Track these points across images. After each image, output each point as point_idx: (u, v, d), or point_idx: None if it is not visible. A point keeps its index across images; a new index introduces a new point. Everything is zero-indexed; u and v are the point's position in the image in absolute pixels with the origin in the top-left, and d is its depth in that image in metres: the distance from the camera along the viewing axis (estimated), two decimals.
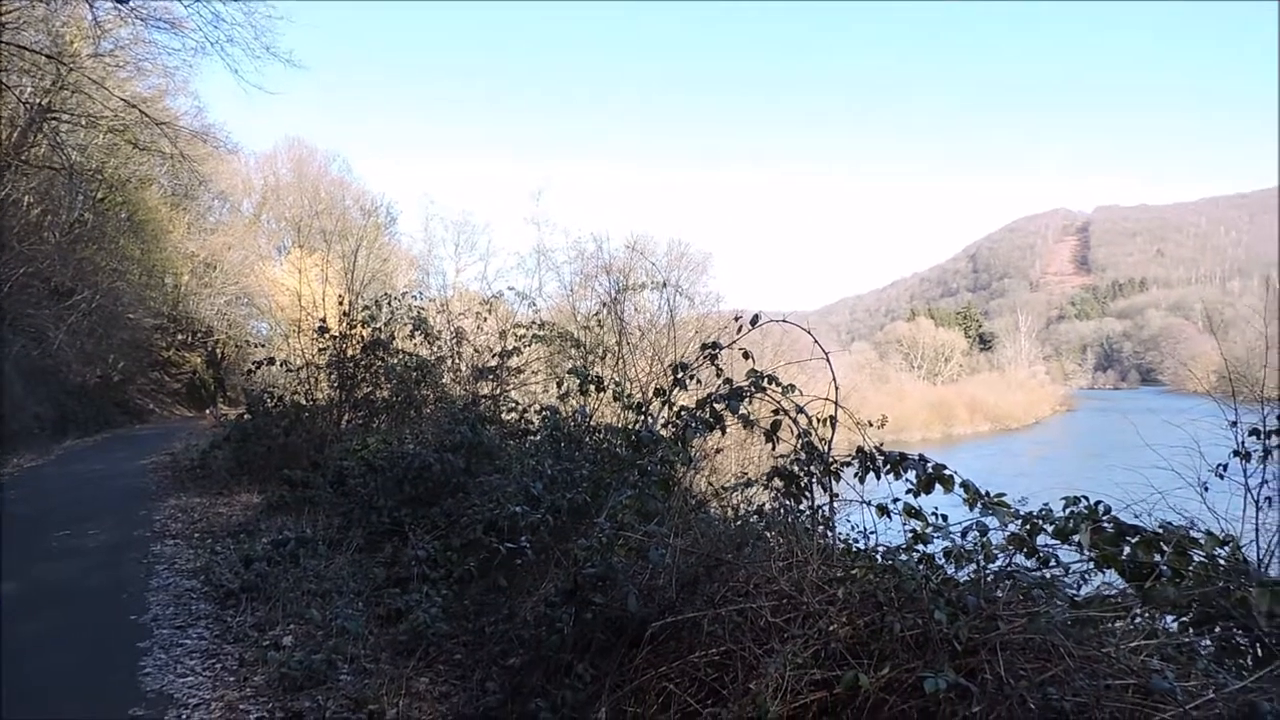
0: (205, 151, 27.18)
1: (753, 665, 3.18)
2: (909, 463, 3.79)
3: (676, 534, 3.96)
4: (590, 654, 3.94)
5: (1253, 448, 4.58)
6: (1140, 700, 2.63)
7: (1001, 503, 3.52)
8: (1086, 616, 3.00)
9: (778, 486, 4.22)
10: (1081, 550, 3.52)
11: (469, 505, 6.69)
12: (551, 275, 17.76)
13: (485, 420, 8.71)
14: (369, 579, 6.26)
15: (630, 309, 14.63)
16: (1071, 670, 2.67)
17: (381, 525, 7.30)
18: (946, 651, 2.85)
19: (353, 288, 15.64)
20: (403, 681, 4.59)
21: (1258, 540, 4.65)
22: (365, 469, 8.41)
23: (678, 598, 3.71)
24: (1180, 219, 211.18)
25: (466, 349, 12.17)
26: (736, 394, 4.34)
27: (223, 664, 5.09)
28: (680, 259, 32.58)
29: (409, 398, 11.29)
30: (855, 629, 3.11)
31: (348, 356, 11.73)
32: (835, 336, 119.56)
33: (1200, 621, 3.26)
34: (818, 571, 3.45)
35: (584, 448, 7.20)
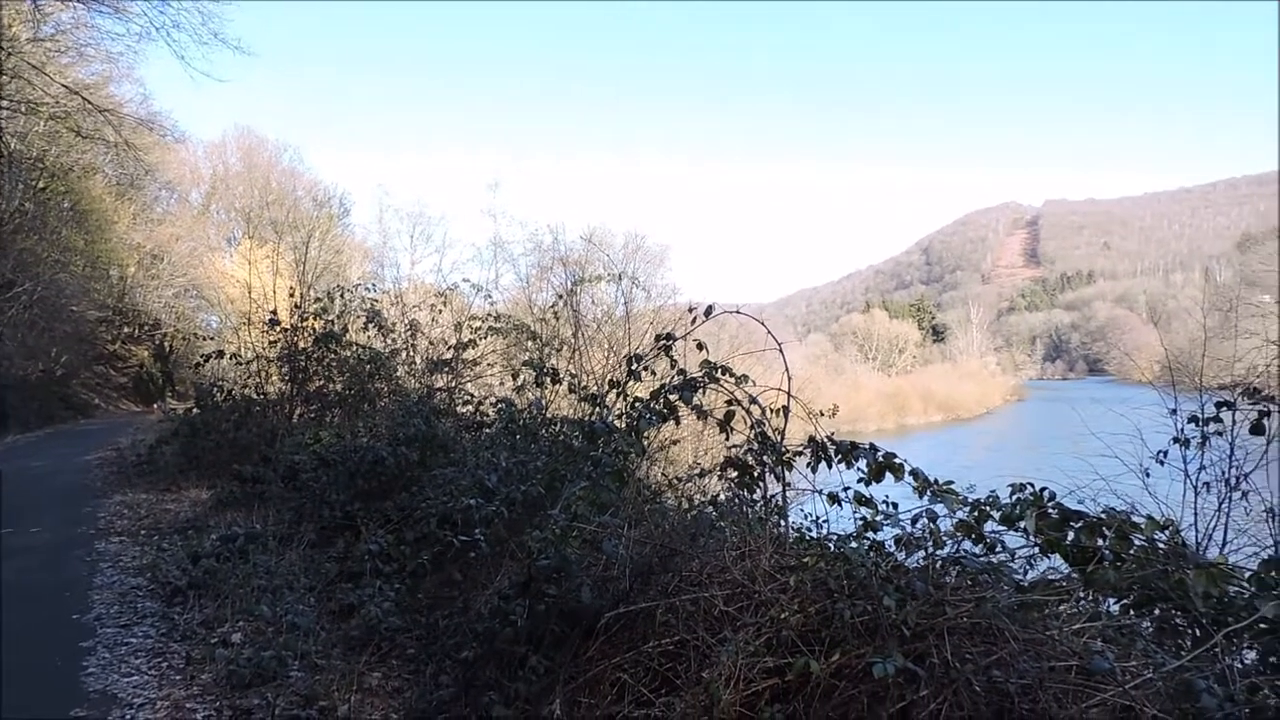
0: (151, 140, 26.51)
1: (706, 654, 3.20)
2: (860, 452, 3.83)
3: (630, 525, 3.97)
4: (544, 646, 3.93)
5: (1191, 435, 4.70)
6: (1082, 681, 2.70)
7: (950, 490, 3.57)
8: (1031, 600, 3.06)
9: (731, 477, 4.24)
10: (1027, 536, 3.59)
11: (423, 499, 6.63)
12: (508, 267, 17.68)
13: (440, 413, 8.64)
14: (320, 574, 6.17)
15: (588, 301, 14.63)
16: (1016, 653, 2.73)
17: (334, 520, 7.20)
18: (895, 637, 2.89)
19: (304, 279, 15.35)
20: (354, 677, 4.53)
21: (1196, 524, 4.79)
22: (317, 463, 8.28)
23: (631, 588, 3.71)
24: (1126, 213, 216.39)
25: (421, 341, 12.05)
26: (690, 385, 4.35)
27: (169, 662, 4.98)
28: (637, 251, 32.53)
29: (362, 391, 11.15)
30: (807, 616, 3.14)
31: (299, 349, 11.54)
32: (791, 328, 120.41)
33: (1141, 604, 3.34)
34: (770, 560, 3.48)
35: (540, 440, 7.18)
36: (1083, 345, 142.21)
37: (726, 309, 5.06)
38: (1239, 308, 24.21)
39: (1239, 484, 4.65)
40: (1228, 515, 4.71)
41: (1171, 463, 4.84)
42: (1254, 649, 3.02)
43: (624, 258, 27.39)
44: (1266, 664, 2.95)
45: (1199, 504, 4.81)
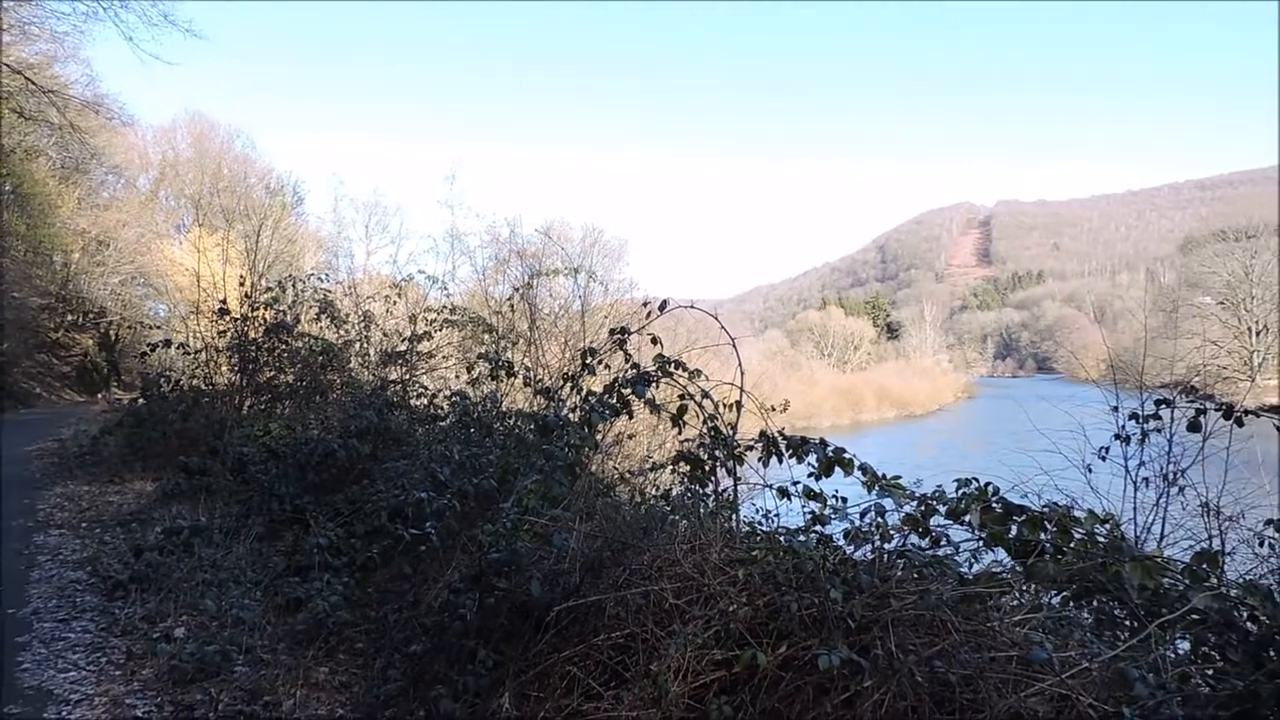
0: (97, 123, 25.82)
1: (655, 647, 3.22)
2: (810, 447, 3.88)
3: (582, 518, 3.97)
4: (494, 639, 3.92)
5: (1131, 432, 4.84)
6: (1021, 670, 2.76)
7: (896, 485, 3.63)
8: (974, 593, 3.13)
9: (684, 470, 4.26)
10: (972, 530, 3.67)
11: (374, 492, 6.57)
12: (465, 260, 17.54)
13: (393, 406, 8.56)
14: (268, 568, 6.08)
15: (546, 295, 14.56)
16: (958, 644, 2.79)
17: (283, 513, 7.10)
18: (841, 629, 2.93)
19: (256, 269, 15.09)
20: (300, 671, 4.47)
21: (1135, 518, 4.93)
22: (267, 455, 8.16)
23: (582, 582, 3.71)
24: (1075, 215, 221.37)
25: (375, 333, 11.92)
26: (643, 379, 4.36)
27: (109, 658, 4.87)
28: (594, 245, 32.45)
29: (314, 382, 11.00)
30: (755, 609, 3.17)
31: (250, 340, 11.34)
32: (749, 324, 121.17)
33: (1080, 595, 3.43)
34: (720, 554, 3.51)
35: (494, 433, 7.15)
36: (1032, 344, 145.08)
37: (681, 304, 5.08)
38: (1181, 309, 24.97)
39: (1176, 479, 4.80)
40: (1165, 509, 4.86)
41: (1113, 459, 4.98)
42: (1186, 639, 3.12)
43: (581, 251, 27.32)
44: (1197, 653, 3.05)
45: (1138, 499, 4.95)
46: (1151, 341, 24.49)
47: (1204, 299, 63.28)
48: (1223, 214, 79.06)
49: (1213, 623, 2.95)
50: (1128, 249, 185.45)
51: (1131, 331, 9.32)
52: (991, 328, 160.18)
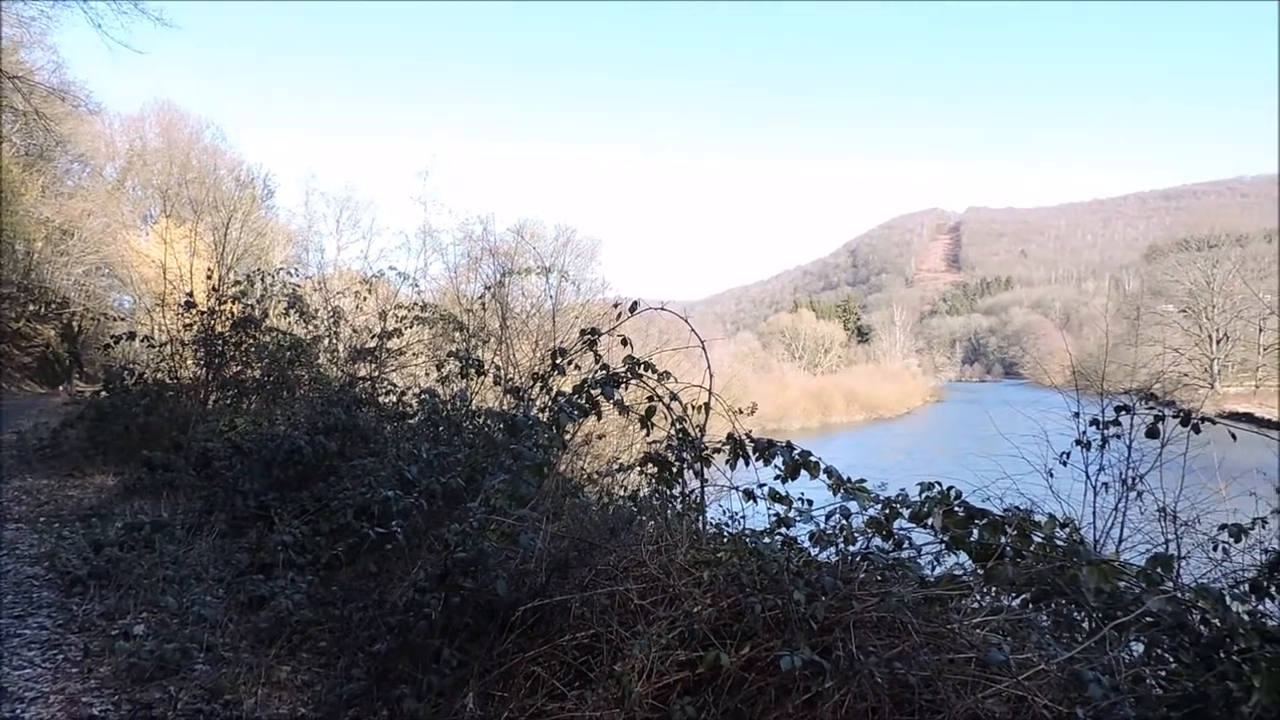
0: (64, 110, 25.39)
1: (619, 647, 3.23)
2: (776, 449, 3.90)
3: (549, 518, 3.97)
4: (459, 639, 3.90)
5: (1093, 437, 4.93)
6: (980, 672, 2.81)
7: (861, 488, 3.67)
8: (935, 595, 3.17)
9: (651, 472, 4.27)
10: (935, 533, 3.71)
11: (341, 489, 6.51)
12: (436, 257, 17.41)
13: (361, 403, 8.49)
14: (231, 565, 6.00)
15: (517, 293, 14.51)
16: (918, 645, 2.83)
17: (247, 509, 7.01)
18: (804, 630, 2.96)
19: (224, 261, 14.92)
20: (262, 670, 4.42)
21: (1095, 523, 5.01)
22: (232, 451, 8.06)
23: (548, 582, 3.71)
24: (1042, 222, 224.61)
25: (344, 329, 11.82)
26: (612, 380, 4.37)
27: (65, 655, 4.78)
28: (567, 245, 32.34)
29: (281, 378, 10.88)
30: (719, 610, 3.19)
31: (216, 333, 11.20)
32: (721, 326, 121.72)
33: (1039, 598, 3.49)
34: (686, 555, 3.53)
35: (463, 432, 7.11)
36: (1000, 349, 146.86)
37: (651, 306, 5.10)
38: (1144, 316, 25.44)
39: (1135, 485, 4.89)
40: (1124, 514, 4.95)
41: (1074, 464, 5.07)
42: (1141, 641, 3.18)
43: (554, 251, 27.24)
44: (1151, 655, 3.11)
45: (1098, 503, 5.04)
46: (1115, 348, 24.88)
47: (1167, 307, 64.48)
48: (1186, 223, 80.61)
49: (1166, 625, 3.01)
50: (1094, 256, 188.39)
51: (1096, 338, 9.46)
52: (960, 333, 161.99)
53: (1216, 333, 62.23)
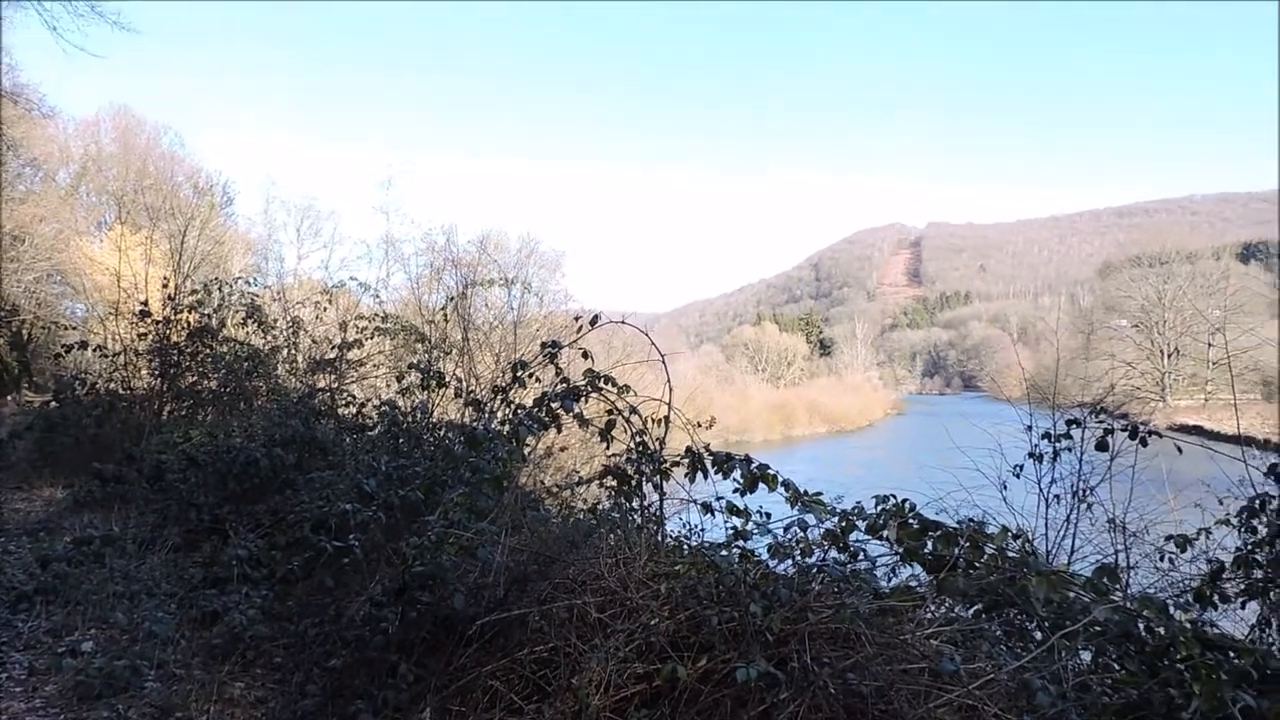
0: (16, 113, 24.89)
1: (577, 660, 3.23)
2: (735, 463, 3.93)
3: (508, 532, 3.96)
4: (416, 653, 3.88)
5: (1044, 450, 5.03)
6: (932, 682, 2.85)
7: (817, 501, 3.71)
8: (889, 606, 3.21)
9: (610, 485, 4.28)
10: (890, 545, 3.77)
11: (298, 502, 6.43)
12: (399, 267, 17.25)
13: (320, 414, 8.40)
14: (184, 580, 5.90)
15: (482, 306, 14.46)
16: (871, 656, 2.87)
17: (201, 523, 6.90)
18: (760, 642, 2.99)
19: (180, 270, 14.69)
20: (215, 687, 4.35)
21: (1047, 534, 5.11)
22: (186, 463, 7.92)
23: (507, 595, 3.71)
24: (1001, 238, 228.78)
25: (304, 339, 11.69)
26: (572, 393, 4.38)
27: (9, 673, 4.66)
28: (530, 256, 32.33)
29: (238, 389, 10.72)
30: (677, 623, 3.21)
31: (171, 343, 11.01)
32: (685, 338, 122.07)
33: (991, 608, 3.55)
34: (644, 568, 3.54)
35: (423, 444, 7.07)
36: (959, 362, 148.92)
37: (612, 318, 5.11)
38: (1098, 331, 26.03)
39: (1085, 496, 5.00)
40: (1076, 525, 5.06)
41: (1028, 476, 5.17)
42: (1089, 649, 3.26)
43: (517, 262, 27.19)
44: (1098, 663, 3.19)
45: (1050, 514, 5.15)
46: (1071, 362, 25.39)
47: (1120, 322, 65.98)
48: (1139, 240, 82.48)
49: (1113, 634, 3.08)
50: (1050, 272, 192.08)
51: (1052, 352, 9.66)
52: (920, 346, 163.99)
53: (1167, 347, 63.77)
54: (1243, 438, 5.30)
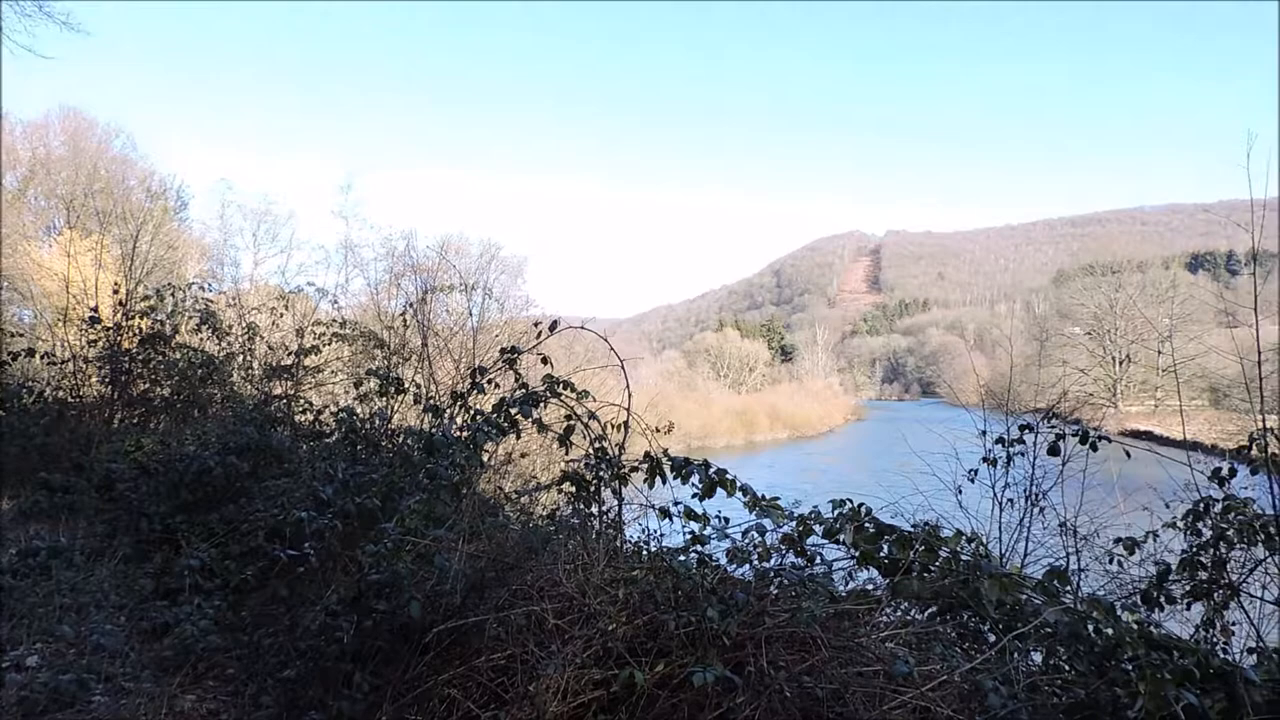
0: None
1: (535, 667, 3.22)
2: (693, 468, 3.95)
3: (466, 539, 3.94)
4: (373, 662, 3.84)
5: (998, 454, 5.12)
6: (886, 684, 2.89)
7: (775, 505, 3.74)
8: (845, 610, 3.25)
9: (569, 490, 4.28)
10: (846, 548, 3.81)
11: (252, 511, 6.33)
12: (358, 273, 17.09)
13: (276, 421, 8.28)
14: (134, 591, 5.77)
15: (443, 312, 14.34)
16: (827, 660, 2.89)
17: (152, 533, 6.76)
18: (717, 646, 3.00)
19: (132, 275, 14.37)
20: (165, 700, 4.27)
21: (1001, 537, 5.20)
22: (137, 472, 7.76)
23: (464, 603, 3.68)
24: (959, 246, 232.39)
25: (260, 346, 11.50)
26: (530, 398, 4.37)
27: None
28: (491, 261, 32.11)
29: (192, 396, 10.53)
30: (634, 628, 3.22)
31: (123, 350, 10.78)
32: (647, 344, 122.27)
33: (945, 611, 3.60)
34: (602, 574, 3.54)
35: (382, 451, 7.00)
36: (918, 369, 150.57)
37: (572, 324, 5.11)
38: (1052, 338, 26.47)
39: (1038, 500, 5.09)
40: (1029, 528, 5.14)
41: (983, 480, 5.25)
42: (1039, 650, 3.32)
43: (478, 268, 27.01)
44: (1048, 664, 3.25)
45: (1004, 518, 5.23)
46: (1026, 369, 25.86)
47: (1073, 329, 67.31)
48: (1091, 249, 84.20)
49: (1062, 635, 3.14)
50: (1006, 280, 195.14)
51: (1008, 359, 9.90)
52: (880, 352, 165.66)
53: (1119, 354, 65.13)
54: (1190, 443, 5.42)
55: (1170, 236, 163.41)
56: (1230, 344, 7.07)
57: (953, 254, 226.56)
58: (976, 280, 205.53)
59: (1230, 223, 5.29)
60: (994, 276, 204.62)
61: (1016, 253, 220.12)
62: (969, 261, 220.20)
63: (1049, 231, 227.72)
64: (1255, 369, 4.81)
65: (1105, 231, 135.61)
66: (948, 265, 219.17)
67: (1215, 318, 47.37)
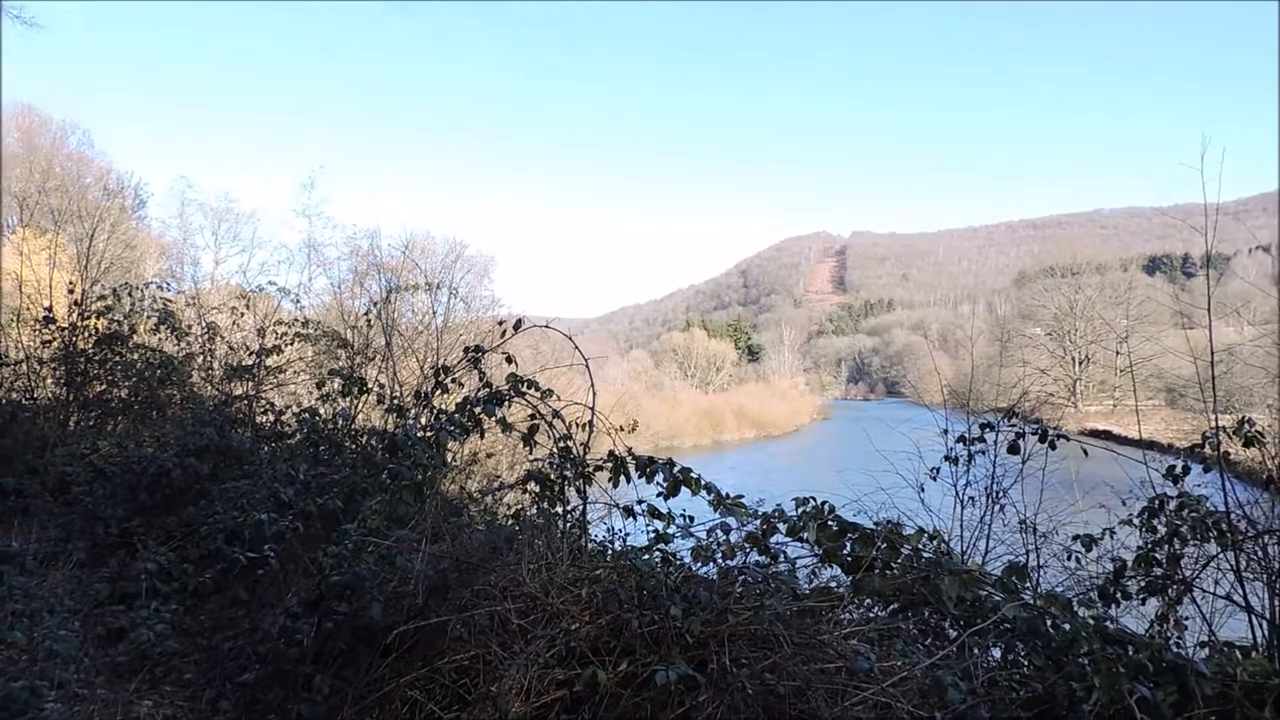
0: None
1: (498, 668, 3.20)
2: (657, 467, 3.95)
3: (429, 539, 3.91)
4: (334, 665, 3.79)
5: (960, 453, 5.18)
6: (848, 681, 2.91)
7: (739, 504, 3.75)
8: (808, 607, 3.27)
9: (533, 490, 4.26)
10: (810, 546, 3.83)
11: (212, 513, 6.23)
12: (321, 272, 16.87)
13: (236, 422, 8.16)
14: (88, 596, 5.65)
15: (408, 311, 14.23)
16: (789, 657, 2.91)
17: (109, 537, 6.62)
18: (680, 645, 3.01)
19: (88, 274, 14.08)
20: (120, 706, 4.18)
21: (962, 535, 5.26)
22: (93, 475, 7.60)
23: (426, 604, 3.65)
24: (923, 247, 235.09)
25: (220, 346, 11.33)
26: (494, 398, 4.35)
27: None
28: (457, 260, 31.85)
29: (150, 397, 10.34)
30: (598, 628, 3.21)
31: (78, 351, 10.55)
32: (615, 343, 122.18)
33: (907, 607, 3.64)
34: (566, 573, 3.53)
35: (344, 452, 6.92)
36: (883, 368, 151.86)
37: (537, 324, 5.10)
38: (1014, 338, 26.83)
39: (999, 498, 5.16)
40: (989, 526, 5.21)
41: (945, 478, 5.31)
42: (999, 646, 3.36)
43: (443, 267, 26.81)
44: (1007, 659, 3.29)
45: (965, 516, 5.29)
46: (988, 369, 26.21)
47: (1034, 330, 68.40)
48: (1051, 252, 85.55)
49: (1021, 631, 3.18)
50: (969, 281, 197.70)
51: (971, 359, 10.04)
52: (845, 352, 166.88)
53: (1079, 355, 66.33)
54: (1146, 442, 5.52)
55: (1129, 239, 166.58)
56: (1186, 345, 7.20)
57: (917, 255, 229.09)
58: (940, 281, 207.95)
59: (1186, 226, 5.37)
60: (957, 278, 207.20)
61: (979, 254, 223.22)
62: (933, 263, 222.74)
63: (1010, 234, 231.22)
64: (1209, 369, 4.90)
65: (1065, 234, 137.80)
66: (912, 266, 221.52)
67: (1171, 319, 48.42)
